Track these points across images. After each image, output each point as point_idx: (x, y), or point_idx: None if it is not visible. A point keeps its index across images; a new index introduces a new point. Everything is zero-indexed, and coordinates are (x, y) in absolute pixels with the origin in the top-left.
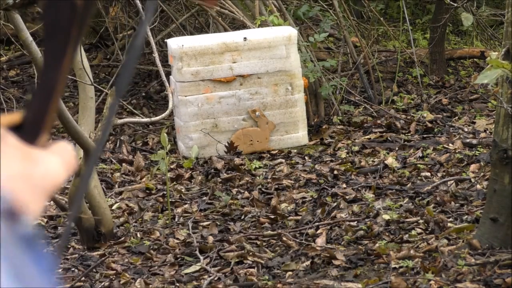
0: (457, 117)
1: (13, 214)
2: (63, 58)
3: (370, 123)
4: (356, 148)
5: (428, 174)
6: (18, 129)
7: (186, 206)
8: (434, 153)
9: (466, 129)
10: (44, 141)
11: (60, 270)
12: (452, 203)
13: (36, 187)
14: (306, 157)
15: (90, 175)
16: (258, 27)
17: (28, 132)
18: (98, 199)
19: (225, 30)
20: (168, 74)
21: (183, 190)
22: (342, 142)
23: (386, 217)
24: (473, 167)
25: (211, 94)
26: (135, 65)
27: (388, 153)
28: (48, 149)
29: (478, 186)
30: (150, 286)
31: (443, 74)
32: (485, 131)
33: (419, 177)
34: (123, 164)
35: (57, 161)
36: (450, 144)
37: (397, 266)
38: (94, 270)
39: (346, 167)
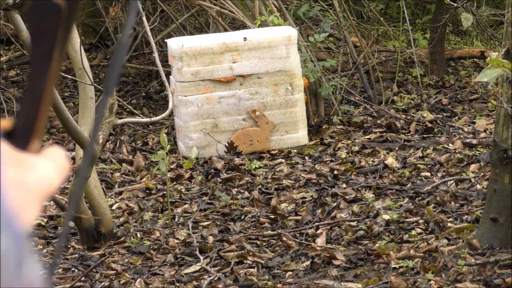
0: (457, 117)
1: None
2: (50, 62)
3: (370, 123)
4: (356, 148)
5: (428, 174)
6: (9, 136)
7: (186, 206)
8: (434, 153)
9: (466, 129)
10: (36, 146)
11: (60, 270)
12: (452, 203)
13: (30, 193)
14: (306, 157)
15: (86, 173)
16: (258, 27)
17: (19, 138)
18: (98, 199)
19: (225, 30)
20: (168, 74)
21: (183, 190)
22: (342, 142)
23: (386, 217)
24: (473, 167)
25: (211, 94)
26: (122, 62)
27: (388, 153)
28: (40, 154)
29: (478, 186)
30: (150, 286)
31: (443, 74)
32: (485, 131)
33: (419, 177)
34: (123, 164)
35: (50, 166)
36: (450, 144)
37: (397, 266)
38: (94, 270)
39: (346, 167)
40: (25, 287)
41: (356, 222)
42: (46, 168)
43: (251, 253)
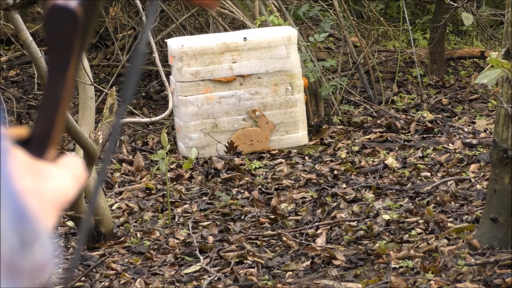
0: (457, 117)
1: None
2: (67, 71)
3: (370, 123)
4: (356, 148)
5: (428, 174)
6: (26, 144)
7: (186, 206)
8: (434, 153)
9: (466, 129)
10: (53, 155)
11: (60, 270)
12: (452, 203)
13: (47, 202)
14: (306, 157)
15: (101, 183)
16: (258, 27)
17: (36, 146)
18: (98, 199)
19: (225, 30)
20: (168, 74)
21: (183, 190)
22: (342, 142)
23: (386, 217)
24: (473, 167)
25: (211, 94)
26: (139, 70)
27: (388, 153)
28: (57, 163)
29: (478, 186)
30: (150, 286)
31: (443, 74)
32: (485, 131)
33: (419, 177)
34: (123, 164)
35: (67, 175)
36: (450, 144)
37: (397, 266)
38: (94, 270)
39: (346, 167)
40: (34, 268)
41: (356, 222)
42: (62, 177)
43: (251, 253)
